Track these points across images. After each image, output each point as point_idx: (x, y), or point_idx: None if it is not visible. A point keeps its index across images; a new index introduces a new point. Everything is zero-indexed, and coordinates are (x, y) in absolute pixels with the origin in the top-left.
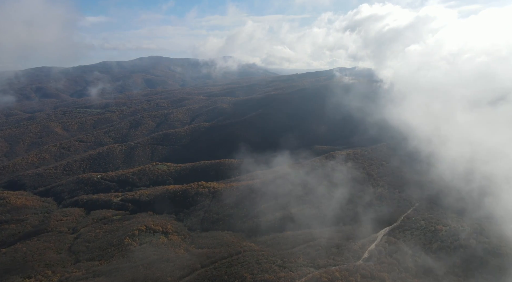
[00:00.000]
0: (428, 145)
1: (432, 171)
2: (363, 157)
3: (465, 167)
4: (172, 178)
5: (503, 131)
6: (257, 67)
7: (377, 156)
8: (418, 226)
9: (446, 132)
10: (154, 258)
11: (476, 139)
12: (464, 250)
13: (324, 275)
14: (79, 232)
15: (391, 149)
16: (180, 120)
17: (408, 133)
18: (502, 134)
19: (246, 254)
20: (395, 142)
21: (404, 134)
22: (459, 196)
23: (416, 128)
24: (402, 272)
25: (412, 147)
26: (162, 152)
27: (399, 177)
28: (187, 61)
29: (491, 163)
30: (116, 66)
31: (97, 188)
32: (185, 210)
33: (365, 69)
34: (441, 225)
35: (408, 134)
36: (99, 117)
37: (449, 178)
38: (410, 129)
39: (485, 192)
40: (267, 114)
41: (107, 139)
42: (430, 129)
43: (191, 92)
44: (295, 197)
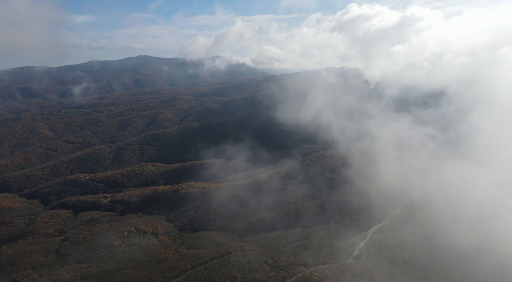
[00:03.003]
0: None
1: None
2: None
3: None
4: (162, 179)
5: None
6: (247, 67)
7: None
8: (411, 224)
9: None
10: (144, 260)
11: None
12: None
13: (314, 273)
14: (67, 234)
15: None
16: (169, 120)
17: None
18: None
19: (237, 254)
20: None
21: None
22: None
23: None
24: (391, 270)
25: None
26: (152, 152)
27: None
28: (175, 61)
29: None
30: (104, 65)
31: (85, 189)
32: (175, 210)
33: (353, 69)
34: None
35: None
36: (87, 118)
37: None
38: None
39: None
40: (257, 114)
41: (95, 140)
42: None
43: (180, 92)
44: (286, 197)
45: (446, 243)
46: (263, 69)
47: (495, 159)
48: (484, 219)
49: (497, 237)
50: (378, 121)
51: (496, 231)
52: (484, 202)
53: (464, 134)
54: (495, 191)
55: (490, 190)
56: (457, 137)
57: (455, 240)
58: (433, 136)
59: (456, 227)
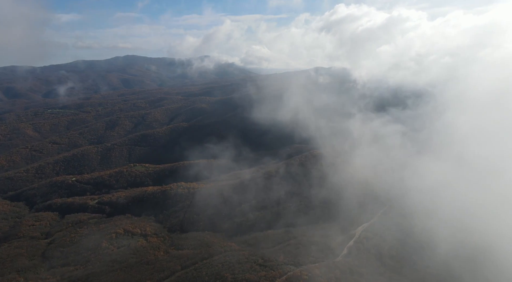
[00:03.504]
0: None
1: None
2: (339, 153)
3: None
4: (151, 179)
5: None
6: (236, 66)
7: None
8: (394, 221)
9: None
10: (132, 261)
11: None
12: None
13: (304, 272)
14: (53, 237)
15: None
16: (158, 120)
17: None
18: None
19: (227, 254)
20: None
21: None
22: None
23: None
24: (380, 267)
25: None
26: (140, 153)
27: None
28: (163, 60)
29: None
30: (91, 65)
31: (72, 191)
32: (164, 211)
33: (341, 69)
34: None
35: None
36: (73, 118)
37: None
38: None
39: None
40: (245, 114)
41: (82, 140)
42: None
43: (169, 92)
44: (276, 196)
45: (424, 240)
46: (252, 69)
47: (469, 157)
48: (456, 215)
49: (470, 231)
50: (360, 121)
51: (467, 226)
52: (457, 198)
53: (440, 133)
54: (467, 188)
55: (463, 187)
56: (435, 135)
57: (431, 236)
58: (411, 135)
59: (432, 223)
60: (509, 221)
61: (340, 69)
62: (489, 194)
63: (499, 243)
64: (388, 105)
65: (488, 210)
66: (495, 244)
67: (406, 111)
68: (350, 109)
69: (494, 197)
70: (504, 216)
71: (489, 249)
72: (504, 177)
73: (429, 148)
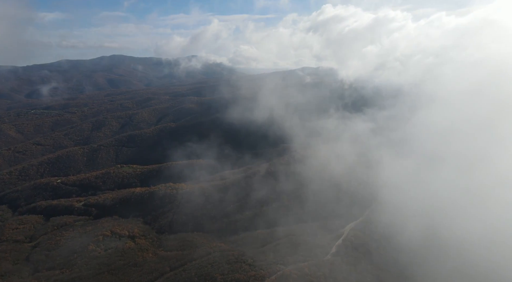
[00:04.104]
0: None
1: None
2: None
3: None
4: (139, 180)
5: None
6: (224, 66)
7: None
8: (381, 219)
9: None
10: (120, 264)
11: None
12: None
13: (294, 271)
14: (38, 240)
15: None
16: (146, 121)
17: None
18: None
19: (216, 254)
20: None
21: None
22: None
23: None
24: (368, 265)
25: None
26: (128, 154)
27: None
28: (150, 60)
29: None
30: (75, 65)
31: (57, 193)
32: (152, 212)
33: (328, 69)
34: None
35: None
36: (58, 119)
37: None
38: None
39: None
40: (234, 114)
41: (67, 142)
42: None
43: (156, 92)
44: (264, 196)
45: (403, 238)
46: (240, 69)
47: (442, 155)
48: (427, 212)
49: (438, 229)
50: (346, 120)
51: (437, 223)
52: (428, 196)
53: (417, 131)
54: (440, 186)
55: (435, 185)
56: (412, 134)
57: (408, 234)
58: (392, 134)
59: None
60: (476, 216)
61: (327, 69)
62: (458, 191)
63: (467, 237)
64: (371, 105)
65: (457, 206)
66: (463, 238)
67: (388, 110)
68: (334, 109)
69: (463, 194)
70: (472, 212)
71: (457, 243)
72: (473, 174)
73: (406, 146)
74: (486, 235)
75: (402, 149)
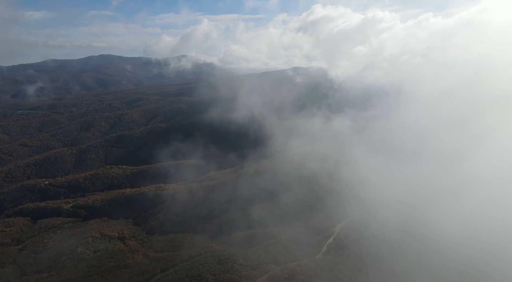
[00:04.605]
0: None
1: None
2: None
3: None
4: (129, 181)
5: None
6: (214, 66)
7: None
8: (372, 218)
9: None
10: (110, 266)
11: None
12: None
13: (285, 271)
14: (25, 243)
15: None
16: (135, 121)
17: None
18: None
19: (208, 255)
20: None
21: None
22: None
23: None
24: (358, 263)
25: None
26: (117, 155)
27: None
28: (139, 60)
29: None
30: (63, 64)
31: (45, 195)
32: (143, 213)
33: (318, 69)
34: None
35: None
36: (45, 120)
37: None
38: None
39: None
40: (224, 114)
41: (55, 142)
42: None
43: (146, 92)
44: (255, 196)
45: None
46: (230, 69)
47: (420, 154)
48: (405, 209)
49: (415, 225)
50: (330, 121)
51: (414, 220)
52: (405, 193)
53: (399, 130)
54: (417, 183)
55: (413, 183)
56: (394, 133)
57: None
58: (372, 133)
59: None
60: (451, 212)
61: (317, 69)
62: (434, 188)
63: (442, 233)
64: (357, 105)
65: (433, 203)
66: (438, 234)
67: (372, 110)
68: (323, 109)
69: (439, 191)
70: (447, 208)
71: (433, 238)
72: (448, 172)
73: (387, 145)
74: (460, 230)
75: (384, 147)
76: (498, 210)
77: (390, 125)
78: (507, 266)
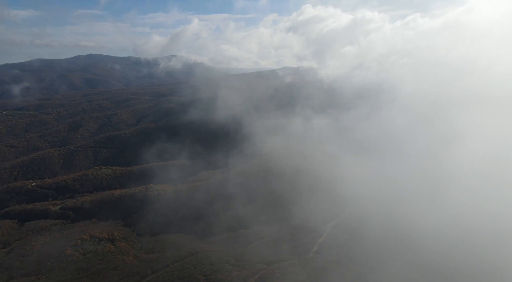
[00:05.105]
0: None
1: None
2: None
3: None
4: (118, 182)
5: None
6: (205, 66)
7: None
8: (362, 217)
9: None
10: (99, 268)
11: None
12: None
13: (276, 270)
14: (12, 246)
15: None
16: (125, 121)
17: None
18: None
19: (199, 255)
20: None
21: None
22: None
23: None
24: (349, 262)
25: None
26: (107, 155)
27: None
28: (128, 60)
29: None
30: (50, 64)
31: (32, 197)
32: (133, 214)
33: (308, 69)
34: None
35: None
36: (32, 120)
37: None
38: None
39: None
40: (216, 114)
41: (43, 143)
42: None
43: (136, 92)
44: (246, 196)
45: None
46: (221, 68)
47: (402, 153)
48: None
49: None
50: (311, 120)
51: (397, 217)
52: (383, 191)
53: (384, 129)
54: (398, 181)
55: (395, 181)
56: (378, 131)
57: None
58: (357, 133)
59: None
60: (430, 210)
61: (307, 69)
62: (415, 186)
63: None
64: (343, 105)
65: (413, 200)
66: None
67: (360, 109)
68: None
69: (419, 189)
70: (426, 206)
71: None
72: (429, 170)
73: (371, 144)
74: (438, 227)
75: (365, 146)
76: (473, 207)
77: (373, 125)
78: (479, 260)
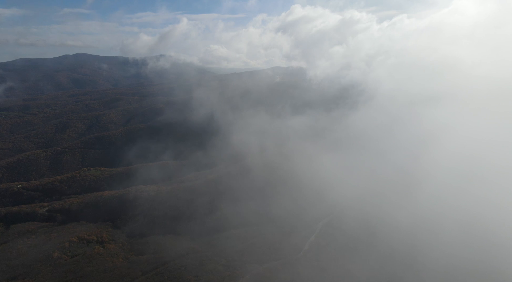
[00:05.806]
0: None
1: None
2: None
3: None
4: (107, 184)
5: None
6: (194, 66)
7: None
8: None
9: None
10: (88, 270)
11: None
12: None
13: (268, 270)
14: None
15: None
16: (113, 122)
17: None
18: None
19: (190, 256)
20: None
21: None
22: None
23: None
24: (340, 259)
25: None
26: (95, 156)
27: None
28: (116, 59)
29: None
30: (35, 64)
31: (18, 199)
32: (122, 216)
33: (298, 68)
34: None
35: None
36: (18, 121)
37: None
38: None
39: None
40: (205, 114)
41: (29, 144)
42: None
43: (124, 93)
44: (237, 196)
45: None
46: (211, 68)
47: (379, 151)
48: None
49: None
50: (299, 120)
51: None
52: (362, 189)
53: (355, 130)
54: (373, 179)
55: (371, 179)
56: (355, 132)
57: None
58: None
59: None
60: (402, 206)
61: (296, 68)
62: (388, 184)
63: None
64: (328, 104)
65: (387, 197)
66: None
67: (343, 109)
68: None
69: (392, 187)
70: (398, 202)
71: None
72: (403, 169)
73: (348, 143)
74: (410, 222)
75: (342, 145)
76: (446, 202)
77: (352, 124)
78: (452, 252)
